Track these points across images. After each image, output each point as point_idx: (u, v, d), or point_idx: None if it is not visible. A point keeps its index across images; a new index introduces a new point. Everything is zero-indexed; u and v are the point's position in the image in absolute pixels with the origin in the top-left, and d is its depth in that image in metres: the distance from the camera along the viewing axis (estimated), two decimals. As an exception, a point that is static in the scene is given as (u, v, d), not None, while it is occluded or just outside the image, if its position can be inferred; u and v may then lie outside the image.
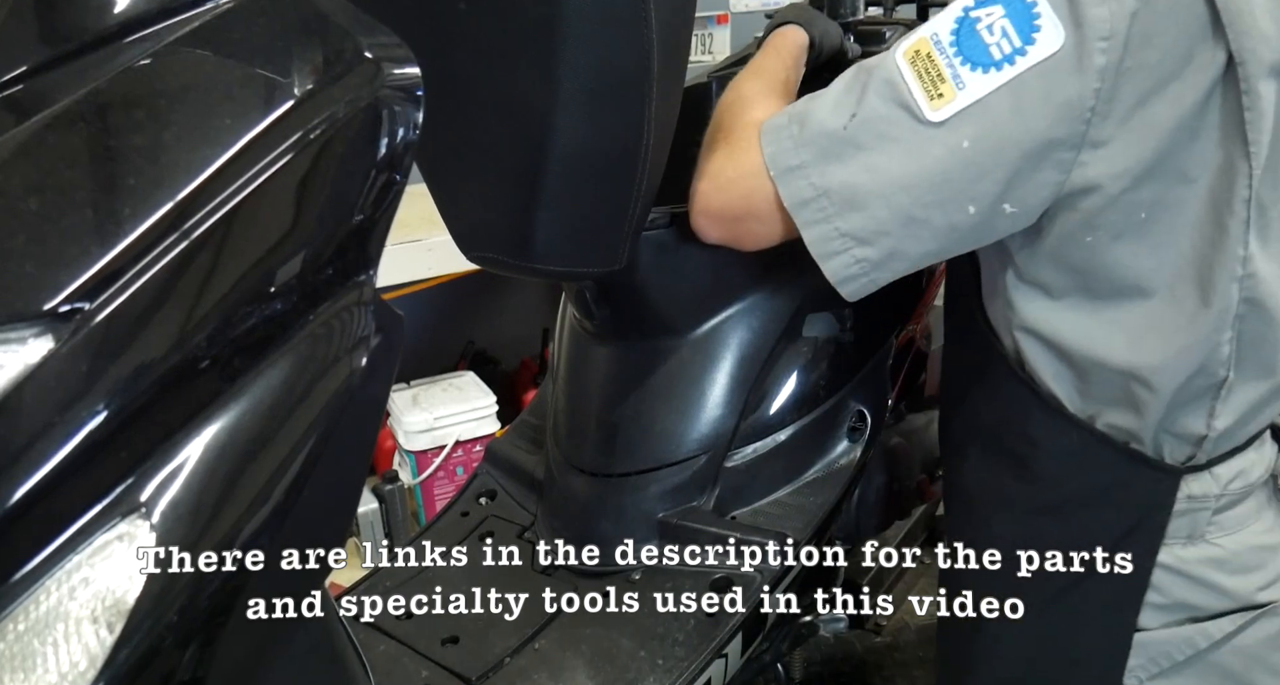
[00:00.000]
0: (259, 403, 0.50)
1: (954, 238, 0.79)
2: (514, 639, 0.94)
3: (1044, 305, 0.84)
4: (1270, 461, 0.89)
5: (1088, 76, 0.70)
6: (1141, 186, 0.75)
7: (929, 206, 0.76)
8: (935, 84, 0.74)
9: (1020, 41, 0.72)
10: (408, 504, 1.85)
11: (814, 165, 0.78)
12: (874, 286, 0.82)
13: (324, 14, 0.56)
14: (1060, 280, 0.82)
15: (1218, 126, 0.73)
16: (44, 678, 0.44)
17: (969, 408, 0.96)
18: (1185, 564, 0.86)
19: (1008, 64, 0.72)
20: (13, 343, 0.44)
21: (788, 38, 1.01)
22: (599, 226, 0.84)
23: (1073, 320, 0.83)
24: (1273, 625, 0.87)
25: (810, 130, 0.79)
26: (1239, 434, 0.84)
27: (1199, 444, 0.83)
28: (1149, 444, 0.84)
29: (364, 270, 0.55)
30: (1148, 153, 0.73)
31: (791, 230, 0.81)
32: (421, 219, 1.68)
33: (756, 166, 0.81)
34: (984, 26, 0.73)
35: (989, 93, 0.73)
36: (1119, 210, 0.76)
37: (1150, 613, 0.87)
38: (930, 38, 0.75)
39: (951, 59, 0.74)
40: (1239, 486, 0.85)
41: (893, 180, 0.76)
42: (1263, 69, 0.71)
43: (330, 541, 0.56)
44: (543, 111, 0.75)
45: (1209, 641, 0.87)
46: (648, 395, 1.03)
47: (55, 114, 0.50)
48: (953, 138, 0.74)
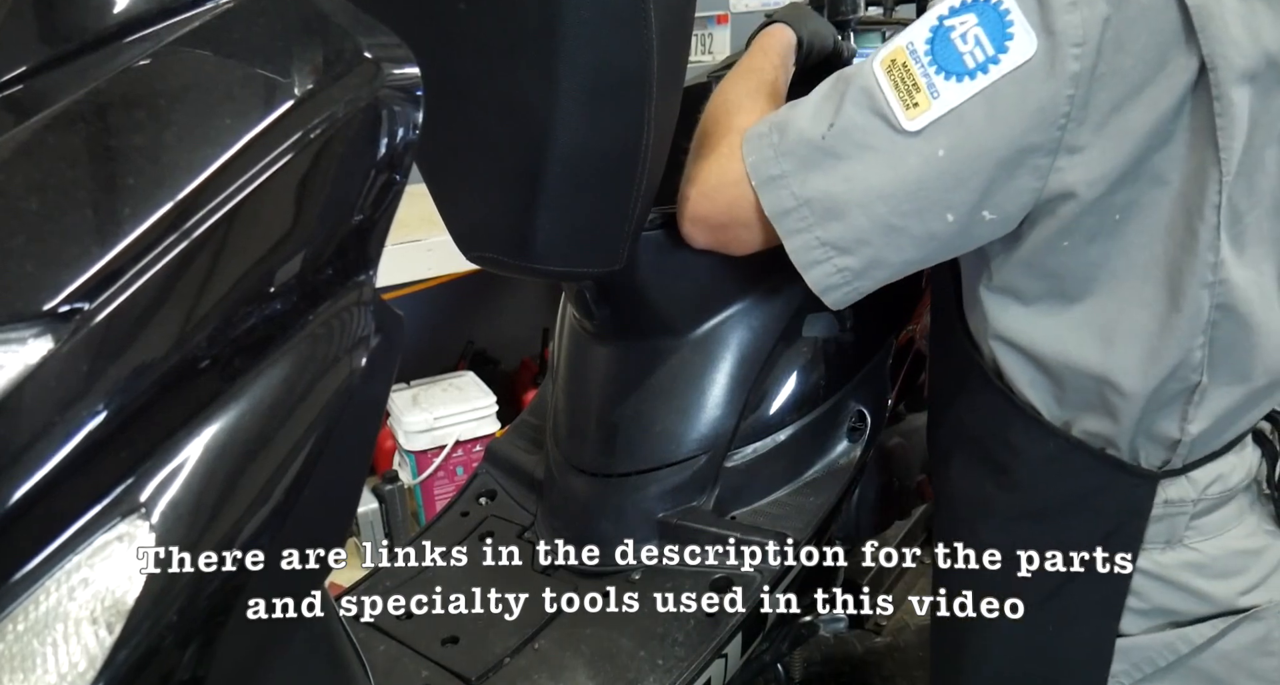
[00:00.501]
0: (259, 403, 0.50)
1: (934, 246, 0.79)
2: (514, 639, 0.94)
3: (1017, 313, 0.84)
4: (1251, 466, 0.88)
5: (1061, 83, 0.71)
6: (1117, 190, 0.75)
7: (907, 215, 0.76)
8: (911, 93, 0.74)
9: (993, 50, 0.72)
10: (408, 504, 1.85)
11: (794, 175, 0.79)
12: (857, 295, 0.83)
13: (324, 14, 0.56)
14: (1032, 286, 0.82)
15: (1190, 131, 0.73)
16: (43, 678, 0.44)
17: (953, 416, 0.97)
18: (1164, 569, 0.86)
19: (981, 72, 0.72)
20: (13, 343, 0.44)
21: (775, 37, 1.01)
22: (599, 226, 0.84)
23: (1044, 326, 0.83)
24: (1256, 630, 0.87)
25: (790, 139, 0.79)
26: (1215, 439, 0.84)
27: (1174, 448, 0.83)
28: (1125, 450, 0.84)
29: (364, 270, 0.55)
30: (1123, 157, 0.73)
31: (776, 237, 0.81)
32: (421, 219, 1.68)
33: (739, 175, 0.82)
34: (958, 35, 0.73)
35: (963, 101, 0.73)
36: (1095, 213, 0.76)
37: (1131, 618, 0.87)
38: (906, 47, 0.75)
39: (926, 68, 0.74)
40: (1217, 491, 0.85)
41: (871, 189, 0.76)
42: (1234, 75, 0.71)
43: (330, 541, 0.56)
44: (542, 111, 0.75)
45: (1190, 647, 0.86)
46: (648, 395, 1.03)
47: (55, 114, 0.50)
48: (929, 147, 0.74)
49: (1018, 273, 0.82)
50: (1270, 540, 0.89)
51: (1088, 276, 0.80)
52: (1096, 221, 0.76)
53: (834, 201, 0.78)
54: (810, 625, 1.12)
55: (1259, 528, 0.89)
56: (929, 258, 0.81)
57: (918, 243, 0.78)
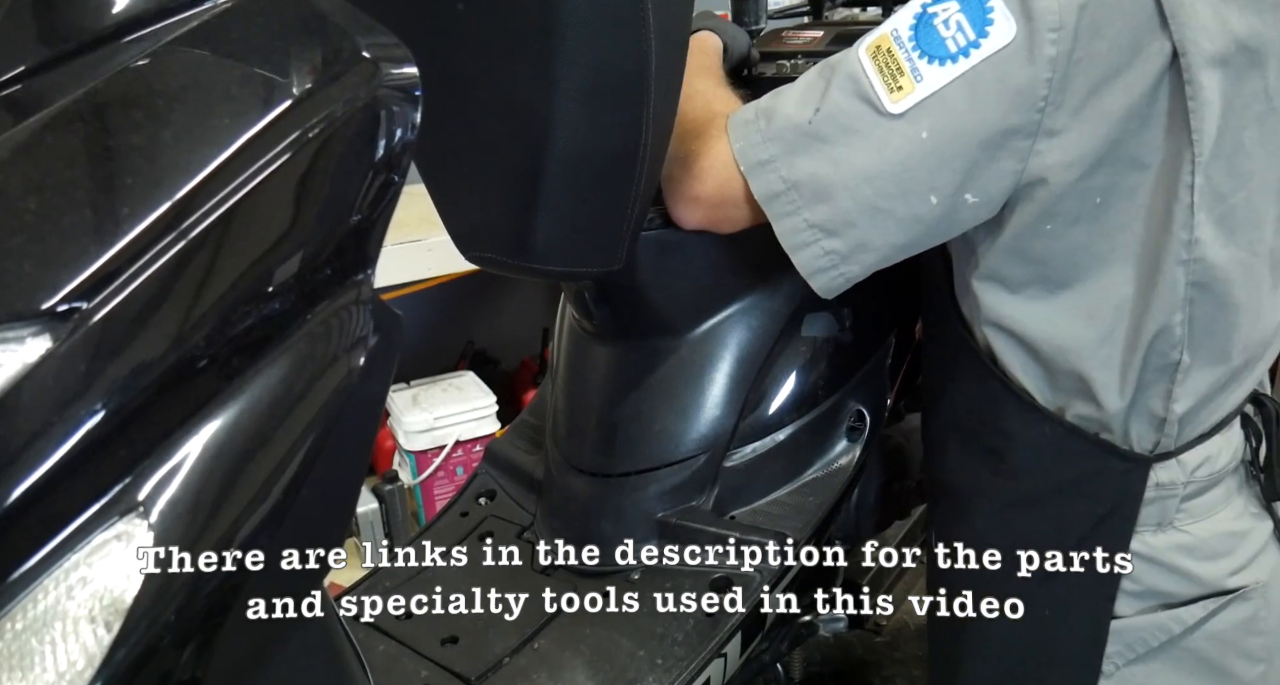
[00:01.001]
0: (257, 402, 0.50)
1: (920, 229, 0.81)
2: (514, 639, 0.94)
3: (1005, 299, 0.86)
4: (1237, 449, 0.90)
5: (1039, 67, 0.73)
6: (1095, 173, 0.77)
7: (892, 197, 0.78)
8: (895, 77, 0.77)
9: (974, 34, 0.74)
10: (408, 504, 1.85)
11: (782, 159, 0.81)
12: (845, 281, 0.84)
13: (322, 14, 0.56)
14: (1018, 272, 0.84)
15: (1165, 114, 0.76)
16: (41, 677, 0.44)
17: (947, 404, 0.98)
18: (1155, 551, 0.87)
19: (963, 56, 0.75)
20: (11, 342, 0.44)
21: (706, 42, 1.05)
22: (598, 226, 0.84)
23: (1032, 311, 0.85)
24: (1244, 610, 0.89)
25: (777, 125, 0.82)
26: (1202, 420, 0.86)
27: (1161, 428, 0.85)
28: (1118, 433, 0.86)
29: (362, 270, 0.55)
30: (1099, 140, 0.76)
31: (764, 215, 0.83)
32: (421, 219, 1.68)
33: (727, 158, 0.84)
34: (940, 21, 0.76)
35: (945, 85, 0.75)
36: (1075, 196, 0.78)
37: (1124, 600, 0.89)
38: (891, 33, 0.78)
39: (910, 53, 0.76)
40: (1205, 474, 0.87)
41: (856, 171, 0.78)
42: (1203, 60, 0.73)
43: (330, 541, 0.56)
44: (541, 111, 0.75)
45: (1182, 627, 0.88)
46: (647, 395, 1.03)
47: (54, 114, 0.50)
48: (912, 129, 0.77)
49: (1004, 259, 0.84)
50: (1255, 522, 0.92)
51: (1072, 261, 0.82)
52: (1077, 204, 0.78)
53: (821, 184, 0.80)
54: (810, 625, 1.12)
55: (1245, 510, 0.91)
56: (915, 242, 0.82)
57: (903, 225, 0.80)
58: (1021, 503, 0.91)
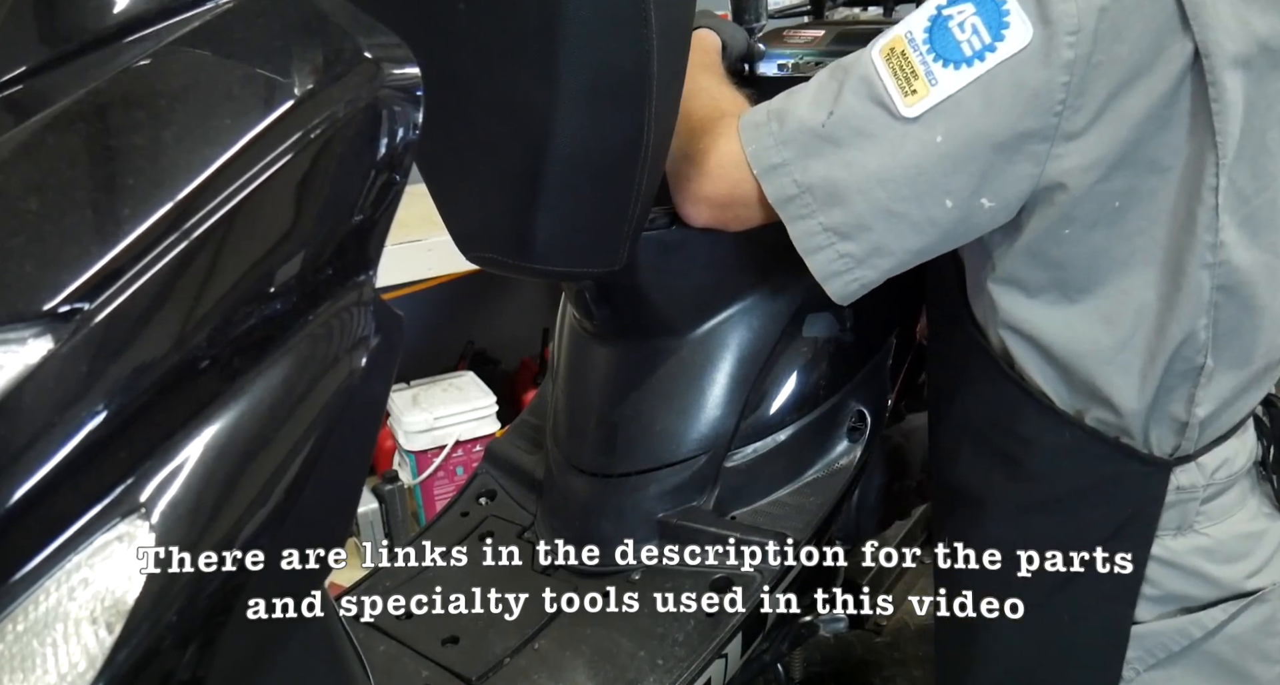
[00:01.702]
0: (259, 403, 0.50)
1: (935, 233, 0.80)
2: (514, 639, 0.94)
3: (1022, 303, 0.85)
4: (1252, 450, 0.90)
5: (1055, 70, 0.72)
6: (1114, 176, 0.76)
7: (906, 200, 0.78)
8: (910, 81, 0.76)
9: (990, 38, 0.74)
10: (408, 504, 1.85)
11: (795, 162, 0.80)
12: (860, 287, 0.83)
13: (323, 14, 0.56)
14: (1036, 276, 0.83)
15: (1187, 115, 0.75)
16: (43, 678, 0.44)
17: (958, 407, 0.97)
18: (1176, 555, 0.87)
19: (978, 60, 0.74)
20: (12, 343, 0.44)
21: (705, 40, 1.05)
22: (599, 226, 0.84)
23: (1051, 316, 0.84)
24: (1262, 612, 0.89)
25: (789, 128, 0.81)
26: (1222, 423, 0.86)
27: (1183, 433, 0.84)
28: (1138, 437, 0.85)
29: (364, 270, 0.55)
30: (1119, 143, 0.75)
31: (776, 215, 0.83)
32: (421, 219, 1.68)
33: (738, 158, 0.83)
34: (956, 24, 0.75)
35: (960, 88, 0.75)
36: (1093, 200, 0.77)
37: (1144, 605, 0.88)
38: (905, 36, 0.77)
39: (925, 56, 0.76)
40: (1224, 476, 0.87)
41: (870, 175, 0.78)
42: (1226, 60, 0.73)
43: (330, 541, 0.56)
44: (542, 112, 0.75)
45: (1203, 631, 0.88)
46: (648, 395, 1.03)
47: (55, 114, 0.50)
48: (927, 133, 0.76)
49: (1021, 263, 0.83)
50: (1270, 523, 0.91)
51: (1091, 265, 0.81)
52: (1096, 208, 0.78)
53: (835, 187, 0.79)
54: (810, 625, 1.12)
55: (1259, 511, 0.91)
56: (931, 247, 0.82)
57: (918, 229, 0.79)
58: (1038, 507, 0.90)
